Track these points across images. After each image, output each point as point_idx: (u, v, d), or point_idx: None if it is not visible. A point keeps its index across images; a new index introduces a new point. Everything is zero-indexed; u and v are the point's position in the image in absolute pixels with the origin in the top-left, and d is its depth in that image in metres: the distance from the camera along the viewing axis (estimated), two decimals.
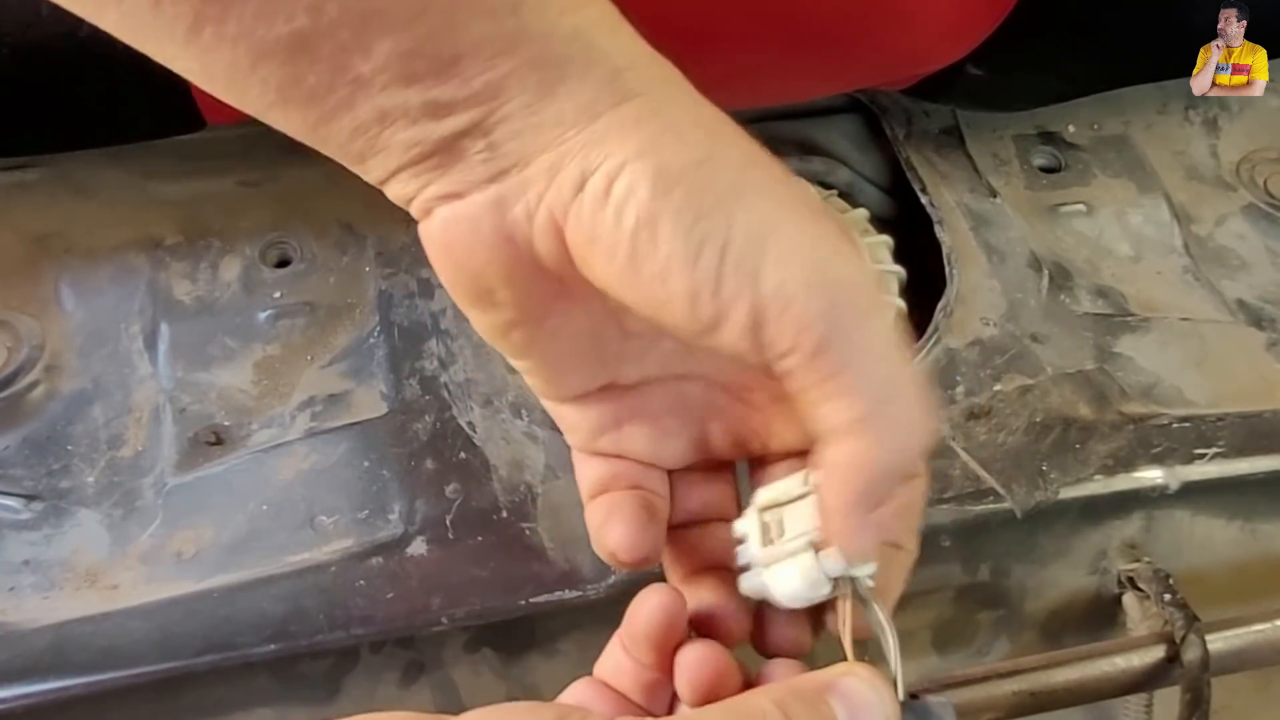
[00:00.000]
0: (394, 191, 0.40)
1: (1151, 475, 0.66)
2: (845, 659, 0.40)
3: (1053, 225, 0.80)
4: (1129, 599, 0.67)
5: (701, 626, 0.44)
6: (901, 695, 0.40)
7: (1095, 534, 0.67)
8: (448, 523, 0.61)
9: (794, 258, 0.36)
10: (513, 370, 0.58)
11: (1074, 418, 0.67)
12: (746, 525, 0.44)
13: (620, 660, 0.43)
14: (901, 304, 0.73)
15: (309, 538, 0.60)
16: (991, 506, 0.64)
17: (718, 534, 0.47)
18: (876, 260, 0.75)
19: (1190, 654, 0.60)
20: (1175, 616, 0.62)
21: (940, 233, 0.76)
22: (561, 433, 0.48)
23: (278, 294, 0.71)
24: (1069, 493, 0.65)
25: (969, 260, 0.75)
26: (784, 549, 0.43)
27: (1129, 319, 0.74)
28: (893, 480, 0.40)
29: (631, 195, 0.36)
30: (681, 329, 0.38)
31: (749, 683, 0.42)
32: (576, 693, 0.43)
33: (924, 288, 0.75)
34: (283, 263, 0.73)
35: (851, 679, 0.38)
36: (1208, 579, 0.69)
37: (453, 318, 0.70)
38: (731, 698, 0.37)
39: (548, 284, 0.40)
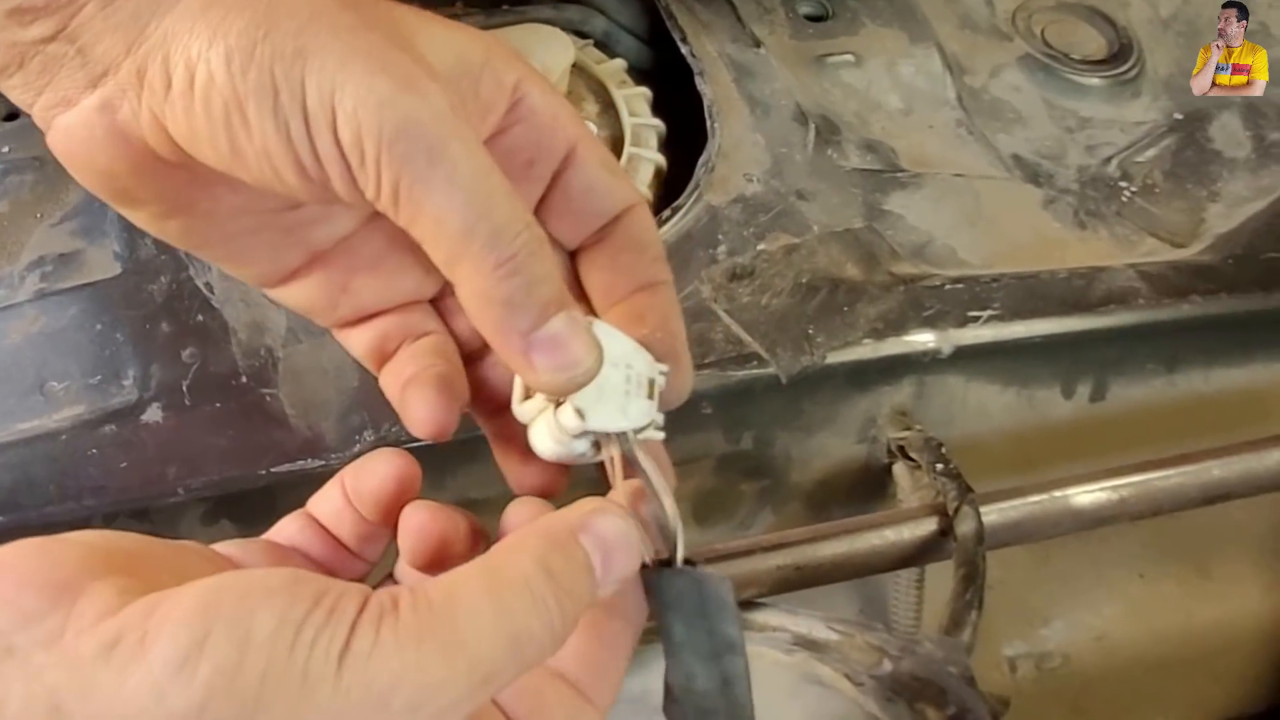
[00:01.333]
0: (15, 99, 0.41)
1: (923, 339, 0.64)
2: None
3: (819, 77, 0.77)
4: (899, 469, 0.65)
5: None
6: (680, 560, 0.39)
7: (864, 401, 0.65)
8: (184, 389, 0.60)
9: (360, 110, 0.37)
10: None
11: (842, 278, 0.65)
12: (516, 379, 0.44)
13: (339, 505, 0.43)
14: (660, 159, 0.72)
15: (38, 404, 0.59)
16: (755, 372, 0.62)
17: None
18: (634, 113, 0.73)
19: (964, 526, 0.58)
20: (948, 487, 0.60)
21: (701, 84, 0.73)
22: None
23: (5, 149, 0.69)
24: (836, 357, 0.63)
25: (731, 113, 0.72)
26: (533, 405, 0.42)
27: (899, 175, 0.72)
28: (521, 299, 0.39)
29: (212, 84, 0.37)
30: (303, 197, 0.40)
31: (482, 536, 0.42)
32: (289, 528, 0.43)
33: (684, 142, 0.72)
34: (11, 116, 0.70)
35: (600, 516, 0.37)
36: (982, 448, 0.68)
37: None
38: (489, 559, 0.35)
39: (179, 174, 0.41)
